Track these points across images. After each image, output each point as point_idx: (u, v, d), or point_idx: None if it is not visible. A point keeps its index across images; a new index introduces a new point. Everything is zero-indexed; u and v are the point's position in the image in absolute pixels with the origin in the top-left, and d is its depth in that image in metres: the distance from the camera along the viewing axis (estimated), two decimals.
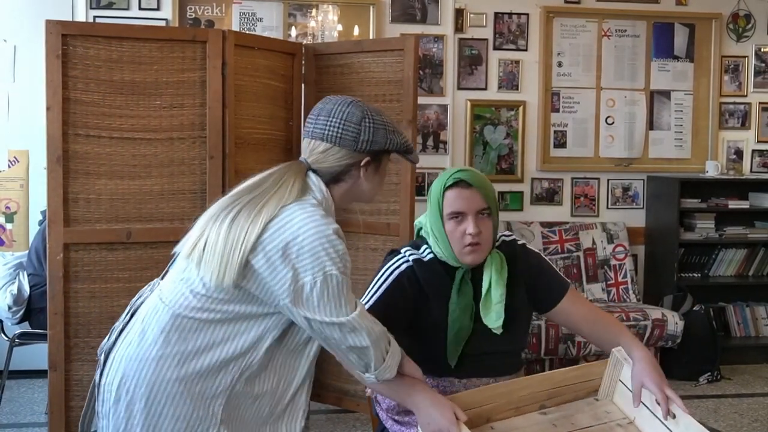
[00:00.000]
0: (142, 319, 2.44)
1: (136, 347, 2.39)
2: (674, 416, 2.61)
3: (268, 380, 2.48)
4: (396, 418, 2.93)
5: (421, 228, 3.03)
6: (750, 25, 7.42)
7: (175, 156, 4.66)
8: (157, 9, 6.37)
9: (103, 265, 4.59)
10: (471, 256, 2.87)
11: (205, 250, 2.37)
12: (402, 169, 5.01)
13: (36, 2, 6.19)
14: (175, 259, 2.55)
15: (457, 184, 2.86)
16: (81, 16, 6.28)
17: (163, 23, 6.31)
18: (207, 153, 4.69)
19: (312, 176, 2.53)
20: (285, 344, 2.50)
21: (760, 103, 7.49)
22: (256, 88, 5.02)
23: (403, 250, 2.99)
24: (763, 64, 7.48)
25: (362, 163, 2.54)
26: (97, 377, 2.50)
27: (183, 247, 2.45)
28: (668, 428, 2.63)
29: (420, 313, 2.89)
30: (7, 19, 6.22)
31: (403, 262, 2.93)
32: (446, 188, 2.87)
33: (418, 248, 2.98)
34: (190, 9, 6.42)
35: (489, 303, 2.91)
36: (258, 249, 2.33)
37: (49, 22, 4.46)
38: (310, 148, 2.56)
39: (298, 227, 2.33)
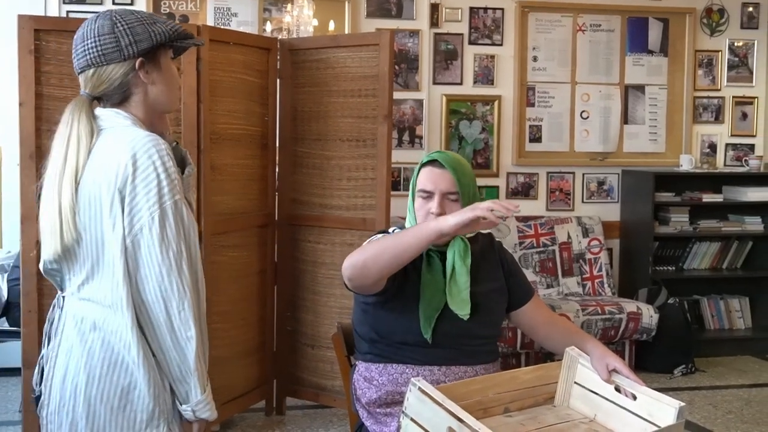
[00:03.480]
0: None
1: None
2: (634, 397, 2.64)
3: None
4: (377, 411, 2.92)
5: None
6: (723, 20, 7.46)
7: None
8: (131, 4, 6.34)
9: None
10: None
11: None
12: (378, 165, 5.01)
13: None
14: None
15: (431, 163, 2.94)
16: (54, 11, 6.23)
17: None
18: None
19: (99, 108, 2.41)
20: None
21: (733, 97, 7.54)
22: (232, 84, 5.00)
23: (391, 230, 3.07)
24: (737, 59, 7.52)
25: (137, 67, 2.38)
26: None
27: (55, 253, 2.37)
28: (629, 410, 2.65)
29: (398, 287, 2.89)
30: None
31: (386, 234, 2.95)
32: (422, 166, 2.96)
33: (400, 228, 3.04)
34: (165, 4, 6.39)
35: (456, 290, 2.92)
36: None
37: (21, 18, 4.42)
38: (83, 81, 2.41)
39: None
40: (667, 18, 7.36)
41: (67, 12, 6.25)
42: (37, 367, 2.47)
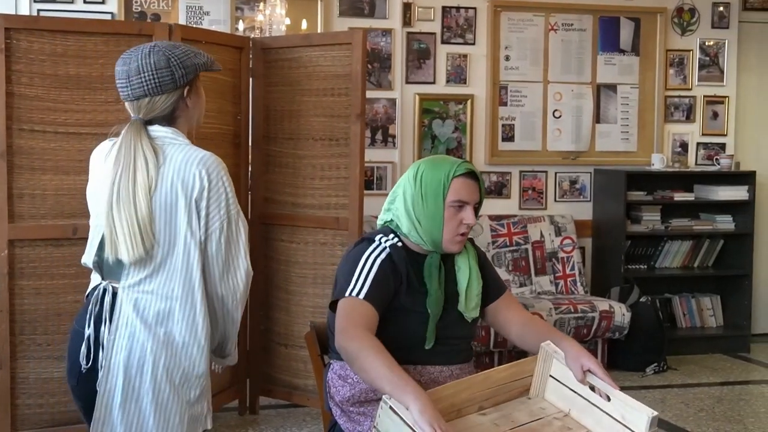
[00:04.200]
0: None
1: None
2: (608, 398, 2.65)
3: None
4: (351, 409, 2.92)
5: (389, 221, 3.03)
6: (694, 19, 7.50)
7: None
8: (102, 2, 6.30)
9: (49, 262, 4.53)
10: (459, 245, 2.96)
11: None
12: (351, 164, 5.01)
13: None
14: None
15: (466, 174, 2.93)
16: (25, 10, 6.18)
17: (108, 17, 6.24)
18: None
19: (156, 127, 2.82)
20: None
21: (704, 96, 7.59)
22: (204, 83, 4.89)
23: (377, 238, 2.99)
24: (708, 58, 7.57)
25: (185, 95, 2.83)
26: None
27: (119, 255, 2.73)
28: (603, 410, 2.66)
29: (394, 298, 2.90)
30: None
31: (381, 250, 2.93)
32: (455, 176, 2.92)
33: (387, 236, 3.00)
34: (136, 2, 6.35)
35: (471, 293, 2.99)
36: None
37: None
38: (136, 107, 2.81)
39: None
40: (639, 17, 7.40)
41: (38, 10, 6.20)
42: (83, 346, 2.75)
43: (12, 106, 4.41)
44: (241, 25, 6.39)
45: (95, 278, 2.88)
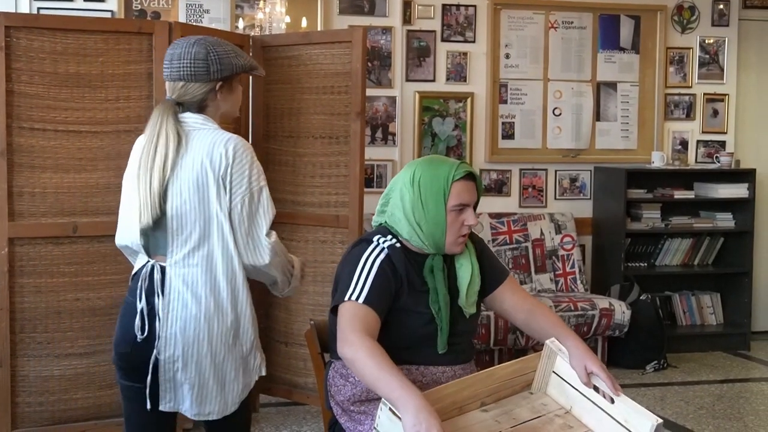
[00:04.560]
0: None
1: None
2: (612, 401, 2.65)
3: None
4: (352, 408, 2.92)
5: (382, 222, 3.03)
6: (694, 17, 7.50)
7: (122, 149, 4.59)
8: (102, 0, 6.30)
9: (49, 260, 4.52)
10: (461, 246, 2.97)
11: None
12: (351, 162, 5.01)
13: None
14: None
15: (466, 177, 2.92)
16: (25, 8, 6.18)
17: (108, 15, 6.24)
18: None
19: (188, 114, 3.07)
20: None
21: (704, 94, 7.59)
22: None
23: (374, 239, 2.98)
24: (708, 56, 7.57)
25: (216, 88, 3.07)
26: None
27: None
28: (606, 412, 2.66)
29: (396, 300, 2.90)
30: None
31: (380, 251, 2.92)
32: (455, 180, 2.91)
33: (384, 237, 2.99)
34: (136, 0, 6.35)
35: (471, 289, 2.99)
36: None
37: None
38: (172, 88, 3.07)
39: None
40: (639, 15, 7.40)
41: (38, 9, 6.19)
42: (137, 318, 3.01)
43: (12, 104, 4.40)
44: (241, 23, 6.38)
45: (141, 258, 3.13)
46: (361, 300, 2.79)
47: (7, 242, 4.43)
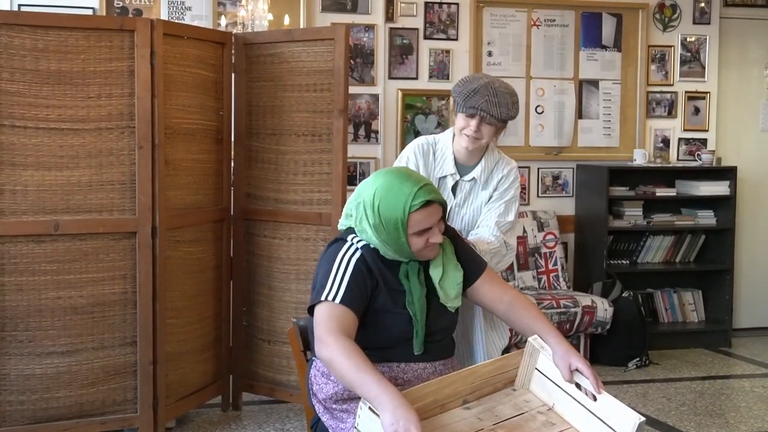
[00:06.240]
0: None
1: None
2: (595, 398, 2.66)
3: None
4: (334, 407, 2.92)
5: (350, 226, 3.01)
6: (676, 15, 7.53)
7: (104, 146, 4.60)
8: None
9: (31, 258, 4.51)
10: (433, 252, 2.93)
11: None
12: (334, 159, 5.00)
13: None
14: None
15: (424, 205, 2.84)
16: (5, 5, 6.15)
17: (89, 12, 6.21)
18: (136, 143, 4.63)
19: None
20: None
21: (686, 92, 7.61)
22: (186, 78, 4.96)
23: (349, 238, 2.97)
24: (689, 54, 7.59)
25: None
26: None
27: None
28: (587, 409, 2.67)
29: (373, 299, 2.89)
30: None
31: (355, 250, 2.91)
32: (413, 211, 2.82)
33: (358, 236, 2.97)
34: None
35: (447, 284, 2.96)
36: None
37: None
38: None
39: None
40: (621, 13, 7.41)
41: (19, 5, 6.17)
42: None
43: None
44: (223, 21, 6.37)
45: None
46: (337, 300, 2.77)
47: None
